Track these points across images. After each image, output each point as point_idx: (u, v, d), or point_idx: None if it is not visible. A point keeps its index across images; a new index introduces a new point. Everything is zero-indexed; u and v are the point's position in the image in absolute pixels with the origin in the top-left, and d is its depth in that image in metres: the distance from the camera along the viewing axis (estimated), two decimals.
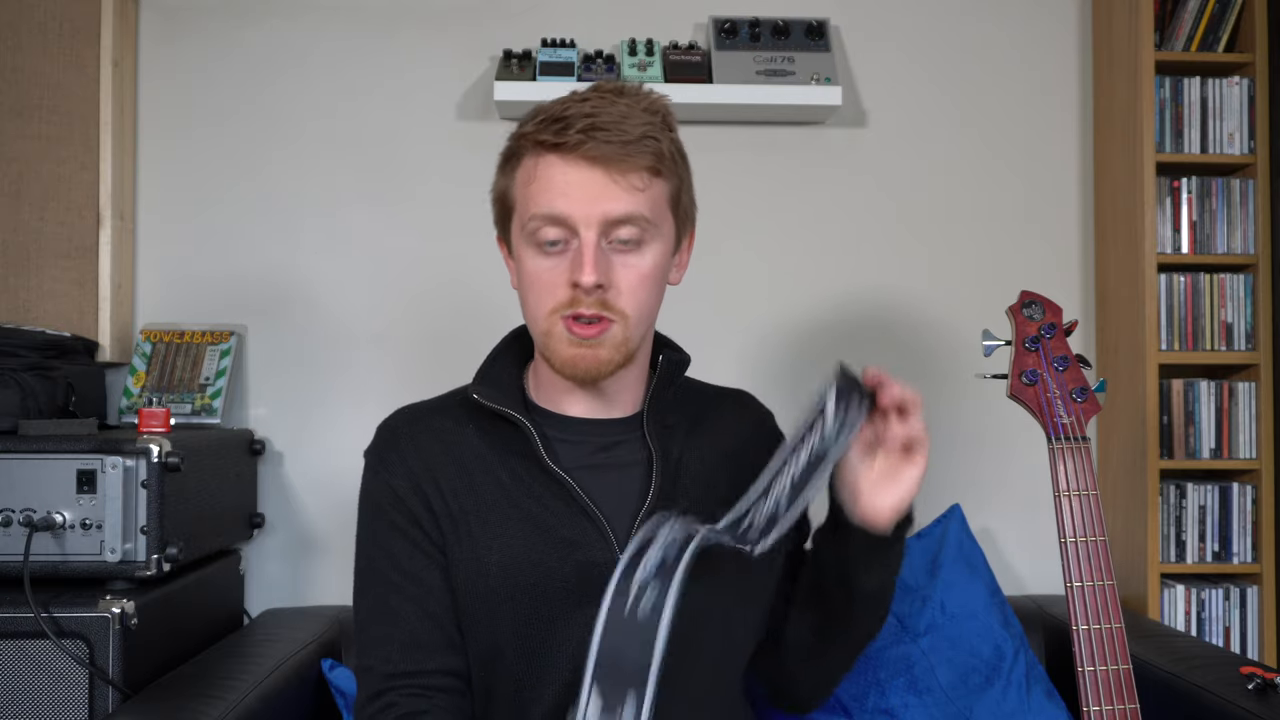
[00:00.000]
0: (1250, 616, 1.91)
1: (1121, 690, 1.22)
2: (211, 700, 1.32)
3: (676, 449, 1.13)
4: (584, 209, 1.03)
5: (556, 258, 1.05)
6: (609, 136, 1.02)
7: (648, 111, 1.06)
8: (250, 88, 2.05)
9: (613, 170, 1.03)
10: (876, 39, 2.11)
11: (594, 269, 1.02)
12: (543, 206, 1.04)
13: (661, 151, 1.06)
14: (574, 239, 1.04)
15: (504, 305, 1.96)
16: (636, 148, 1.03)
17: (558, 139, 1.03)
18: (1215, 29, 1.96)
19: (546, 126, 1.04)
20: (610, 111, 1.04)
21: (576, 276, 1.03)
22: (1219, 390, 1.95)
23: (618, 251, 1.05)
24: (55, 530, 1.46)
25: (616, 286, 1.05)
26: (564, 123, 1.03)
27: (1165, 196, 1.96)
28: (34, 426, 1.55)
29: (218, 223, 2.03)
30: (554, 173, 1.04)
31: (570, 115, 1.03)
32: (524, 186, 1.07)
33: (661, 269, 1.09)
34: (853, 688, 1.59)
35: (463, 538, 1.09)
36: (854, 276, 2.09)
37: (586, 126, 1.02)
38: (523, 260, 1.08)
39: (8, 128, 1.89)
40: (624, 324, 1.06)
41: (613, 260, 1.05)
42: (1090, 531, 1.26)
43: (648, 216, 1.05)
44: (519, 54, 1.99)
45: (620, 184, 1.03)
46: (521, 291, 1.10)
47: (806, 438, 1.00)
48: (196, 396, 1.92)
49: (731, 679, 1.16)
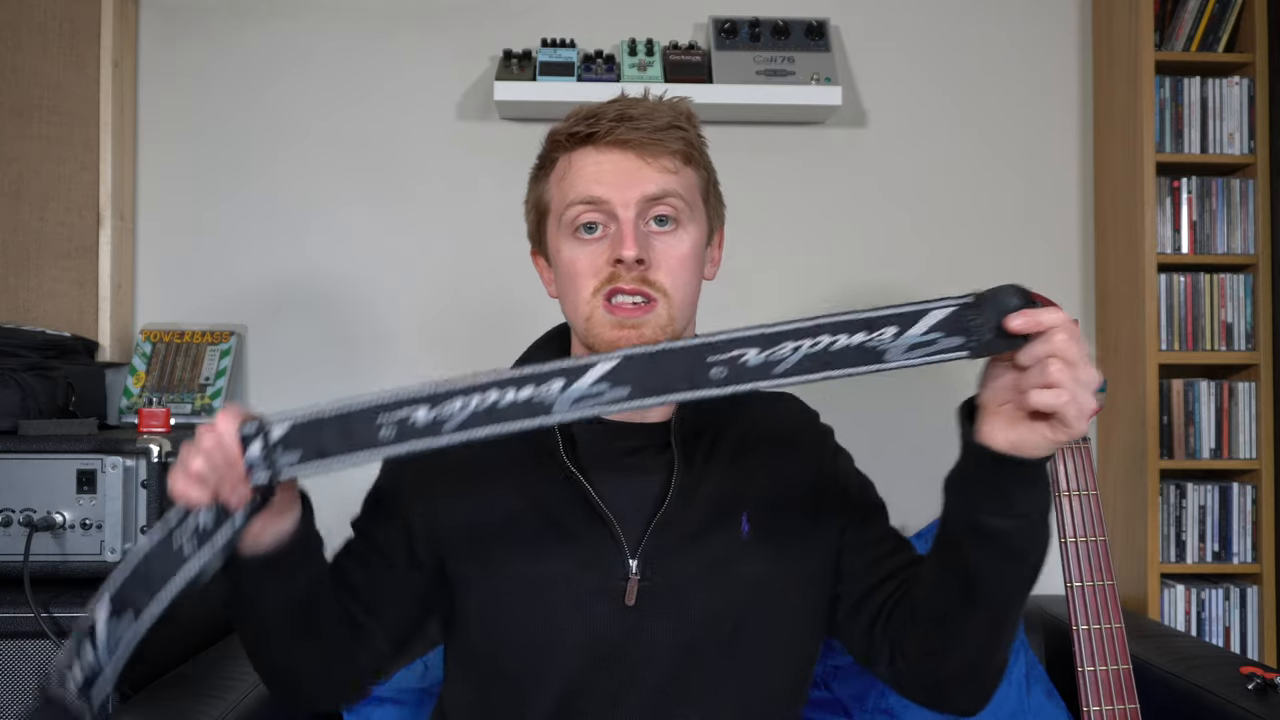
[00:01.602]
0: (1250, 616, 1.91)
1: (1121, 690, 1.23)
2: (211, 700, 1.32)
3: (701, 457, 1.11)
4: (620, 191, 1.04)
5: (595, 244, 1.06)
6: (639, 124, 1.05)
7: (672, 109, 1.09)
8: (250, 88, 2.05)
9: (644, 154, 1.05)
10: (876, 39, 2.11)
11: (634, 243, 1.03)
12: (580, 193, 1.05)
13: (690, 140, 1.09)
14: (612, 223, 1.05)
15: (504, 304, 1.97)
16: (666, 134, 1.06)
17: (589, 129, 1.06)
18: (1215, 29, 1.96)
19: (577, 123, 1.07)
20: (638, 106, 1.07)
21: (618, 252, 1.03)
22: (1219, 390, 1.95)
23: (655, 233, 1.06)
24: (55, 530, 1.46)
25: (656, 264, 1.05)
26: (594, 118, 1.06)
27: (1165, 196, 1.96)
28: (34, 426, 1.55)
29: (218, 223, 2.03)
30: (587, 161, 1.06)
31: (600, 112, 1.06)
32: (559, 183, 1.08)
33: (699, 254, 1.10)
34: (853, 688, 1.59)
35: (474, 528, 1.09)
36: (854, 276, 2.09)
37: (616, 116, 1.05)
38: (561, 253, 1.08)
39: (8, 128, 1.89)
40: (667, 304, 1.05)
41: (651, 240, 1.06)
42: (1090, 531, 1.26)
43: (682, 195, 1.07)
44: (519, 54, 1.99)
45: (653, 165, 1.05)
46: (561, 284, 1.10)
47: (882, 325, 0.85)
48: (196, 396, 1.92)
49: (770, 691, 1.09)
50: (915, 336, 0.85)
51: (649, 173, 1.05)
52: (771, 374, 0.85)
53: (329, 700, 1.12)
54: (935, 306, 0.85)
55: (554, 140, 1.10)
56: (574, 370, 0.86)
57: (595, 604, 1.03)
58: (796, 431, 1.19)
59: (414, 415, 0.85)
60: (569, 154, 1.08)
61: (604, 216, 1.05)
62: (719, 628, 1.05)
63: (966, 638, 0.99)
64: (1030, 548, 0.93)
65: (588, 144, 1.06)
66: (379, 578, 1.09)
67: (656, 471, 1.09)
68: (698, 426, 1.13)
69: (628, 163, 1.05)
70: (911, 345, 0.85)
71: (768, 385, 0.86)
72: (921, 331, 0.85)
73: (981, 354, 0.85)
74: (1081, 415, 0.83)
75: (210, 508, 0.87)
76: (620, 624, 1.03)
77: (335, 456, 0.85)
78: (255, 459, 0.85)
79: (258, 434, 0.85)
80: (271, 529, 0.93)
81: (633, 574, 1.03)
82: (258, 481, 0.86)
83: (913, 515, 2.05)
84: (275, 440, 0.85)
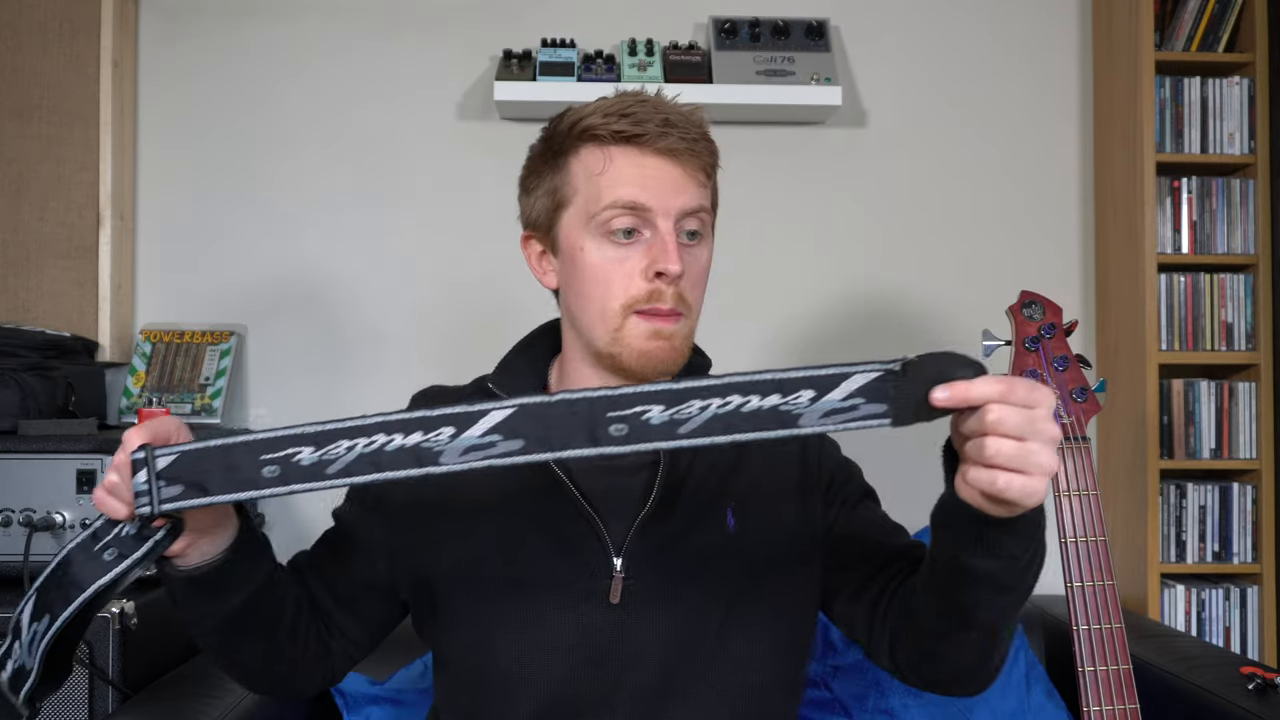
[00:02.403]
0: (1250, 616, 1.91)
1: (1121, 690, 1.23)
2: (211, 700, 1.32)
3: (686, 456, 1.12)
4: (663, 200, 1.03)
5: (627, 248, 1.04)
6: (682, 134, 1.04)
7: (699, 120, 1.09)
8: (250, 87, 2.05)
9: (685, 165, 1.05)
10: (876, 39, 2.11)
11: (679, 257, 1.02)
12: (622, 195, 1.03)
13: (715, 153, 1.09)
14: (647, 229, 1.04)
15: (504, 305, 1.97)
16: (701, 146, 1.06)
17: (637, 129, 1.04)
18: (1215, 29, 1.96)
19: (617, 119, 1.04)
20: (671, 110, 1.06)
21: (663, 265, 1.02)
22: (1219, 390, 1.95)
23: (684, 246, 1.06)
24: (55, 530, 1.46)
25: (687, 278, 1.05)
26: (634, 117, 1.04)
27: (1165, 196, 1.96)
28: (34, 426, 1.55)
29: (218, 223, 2.03)
30: (628, 162, 1.04)
31: (637, 112, 1.05)
32: (591, 177, 1.05)
33: (710, 265, 1.11)
34: (853, 688, 1.59)
35: (458, 528, 1.09)
36: (854, 276, 2.09)
37: (663, 122, 1.04)
38: (585, 251, 1.06)
39: (8, 128, 1.89)
40: (690, 318, 1.07)
41: (682, 253, 1.05)
42: (1090, 531, 1.26)
43: (710, 210, 1.09)
44: (519, 54, 1.99)
45: (692, 179, 1.06)
46: (579, 286, 1.07)
47: (798, 388, 0.79)
48: (196, 396, 1.92)
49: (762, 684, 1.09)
50: (834, 402, 0.78)
51: (689, 185, 1.05)
52: (676, 434, 0.80)
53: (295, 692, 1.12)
54: (858, 371, 0.78)
55: (586, 130, 1.06)
56: (464, 418, 0.80)
57: (580, 603, 1.04)
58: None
59: (299, 455, 0.81)
60: (607, 148, 1.05)
61: (641, 223, 1.04)
62: (706, 624, 1.05)
63: (961, 651, 0.98)
64: (1020, 581, 0.88)
65: (631, 145, 1.04)
66: (356, 573, 1.09)
67: (640, 469, 1.10)
68: None
69: (672, 171, 1.04)
70: (829, 411, 0.79)
71: (671, 446, 0.80)
72: (841, 397, 0.78)
73: (906, 423, 0.78)
74: (1029, 492, 0.76)
75: (134, 520, 0.85)
76: (606, 622, 1.03)
77: (216, 495, 0.82)
78: (140, 487, 0.83)
79: (144, 463, 0.82)
80: (198, 549, 0.92)
81: (617, 572, 1.03)
82: (141, 511, 0.83)
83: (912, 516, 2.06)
84: (159, 470, 0.82)
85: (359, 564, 1.10)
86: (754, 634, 1.08)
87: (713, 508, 1.08)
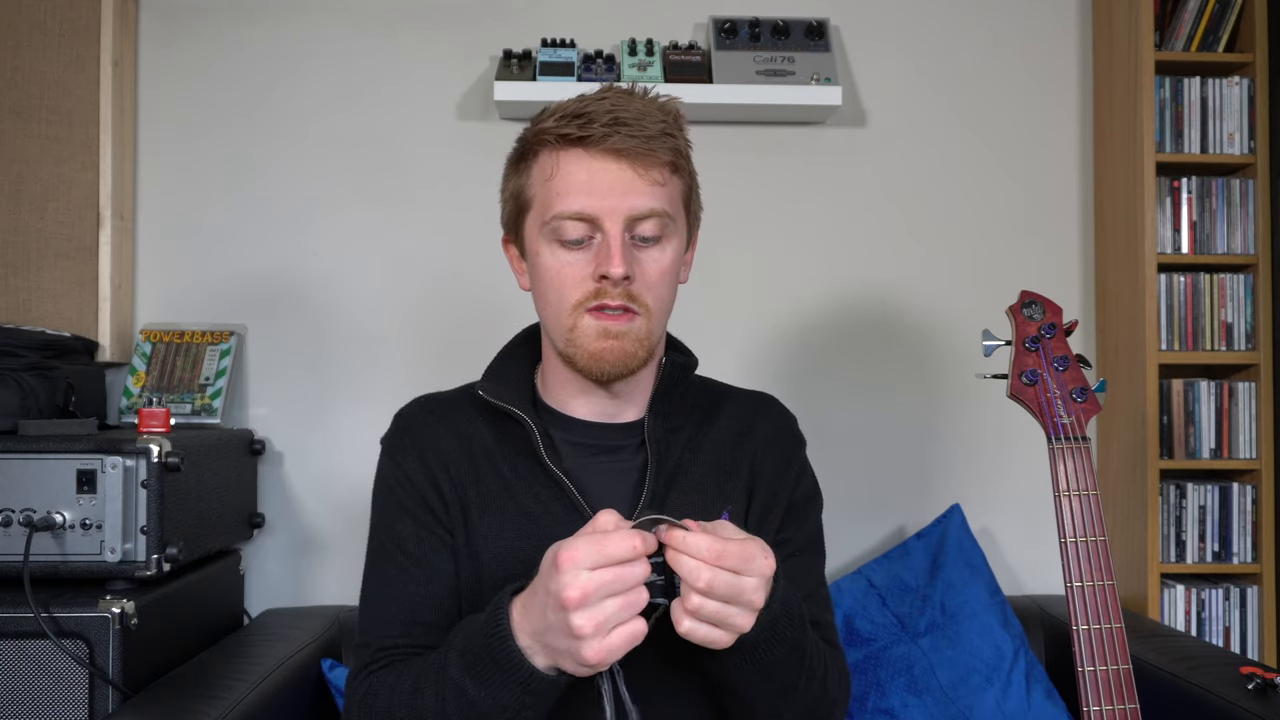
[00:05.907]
0: (1250, 616, 1.91)
1: (1121, 690, 1.22)
2: (211, 700, 1.32)
3: (676, 453, 1.13)
4: (609, 204, 1.03)
5: (579, 252, 1.05)
6: (632, 131, 1.03)
7: (662, 111, 1.07)
8: (250, 88, 2.05)
9: (636, 165, 1.04)
10: (876, 39, 2.11)
11: (622, 261, 1.02)
12: (569, 204, 1.04)
13: (679, 149, 1.08)
14: (597, 234, 1.04)
15: (504, 305, 1.97)
16: (658, 143, 1.04)
17: (582, 132, 1.03)
18: (1215, 29, 1.96)
19: (568, 121, 1.04)
20: (630, 108, 1.04)
21: (605, 268, 1.03)
22: (1219, 390, 1.95)
23: (639, 247, 1.06)
24: (55, 530, 1.46)
25: (640, 279, 1.05)
26: (586, 118, 1.03)
27: (1165, 196, 1.96)
28: (34, 426, 1.55)
29: (218, 223, 2.03)
30: (577, 167, 1.04)
31: (591, 111, 1.04)
32: (544, 182, 1.06)
33: (678, 265, 1.10)
34: (853, 688, 1.59)
35: (464, 526, 1.10)
36: (854, 276, 2.09)
37: (610, 121, 1.03)
38: (541, 256, 1.07)
39: (8, 128, 1.89)
40: (647, 317, 1.06)
41: (635, 254, 1.05)
42: (1090, 531, 1.26)
43: (669, 212, 1.06)
44: (519, 54, 1.99)
45: (644, 179, 1.04)
46: (540, 289, 1.09)
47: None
48: (196, 396, 1.92)
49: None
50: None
51: (640, 186, 1.04)
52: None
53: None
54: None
55: (540, 134, 1.07)
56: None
57: None
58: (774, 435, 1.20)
59: None
60: (556, 152, 1.05)
61: (590, 229, 1.04)
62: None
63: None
64: (779, 693, 0.98)
65: (578, 146, 1.04)
66: (441, 594, 1.09)
67: (634, 469, 1.11)
68: (673, 425, 1.14)
69: (620, 174, 1.03)
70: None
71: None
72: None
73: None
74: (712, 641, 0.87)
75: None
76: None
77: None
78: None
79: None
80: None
81: None
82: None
83: (912, 516, 2.06)
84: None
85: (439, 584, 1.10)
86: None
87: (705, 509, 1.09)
